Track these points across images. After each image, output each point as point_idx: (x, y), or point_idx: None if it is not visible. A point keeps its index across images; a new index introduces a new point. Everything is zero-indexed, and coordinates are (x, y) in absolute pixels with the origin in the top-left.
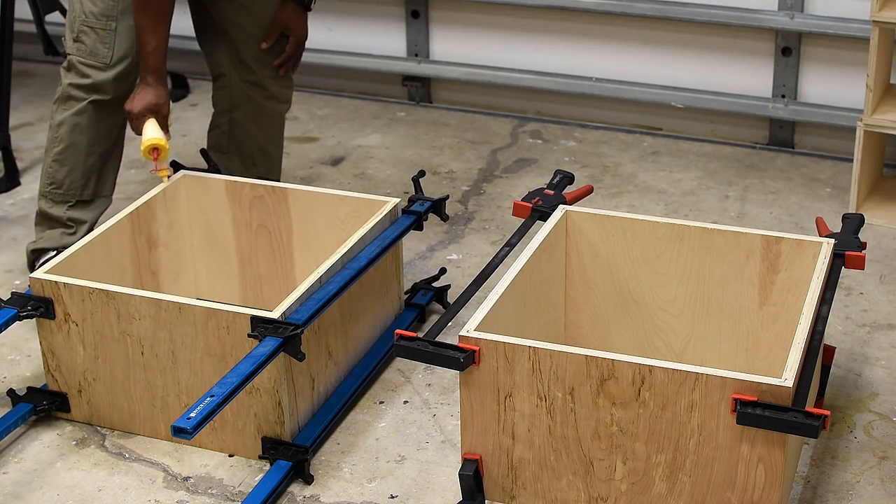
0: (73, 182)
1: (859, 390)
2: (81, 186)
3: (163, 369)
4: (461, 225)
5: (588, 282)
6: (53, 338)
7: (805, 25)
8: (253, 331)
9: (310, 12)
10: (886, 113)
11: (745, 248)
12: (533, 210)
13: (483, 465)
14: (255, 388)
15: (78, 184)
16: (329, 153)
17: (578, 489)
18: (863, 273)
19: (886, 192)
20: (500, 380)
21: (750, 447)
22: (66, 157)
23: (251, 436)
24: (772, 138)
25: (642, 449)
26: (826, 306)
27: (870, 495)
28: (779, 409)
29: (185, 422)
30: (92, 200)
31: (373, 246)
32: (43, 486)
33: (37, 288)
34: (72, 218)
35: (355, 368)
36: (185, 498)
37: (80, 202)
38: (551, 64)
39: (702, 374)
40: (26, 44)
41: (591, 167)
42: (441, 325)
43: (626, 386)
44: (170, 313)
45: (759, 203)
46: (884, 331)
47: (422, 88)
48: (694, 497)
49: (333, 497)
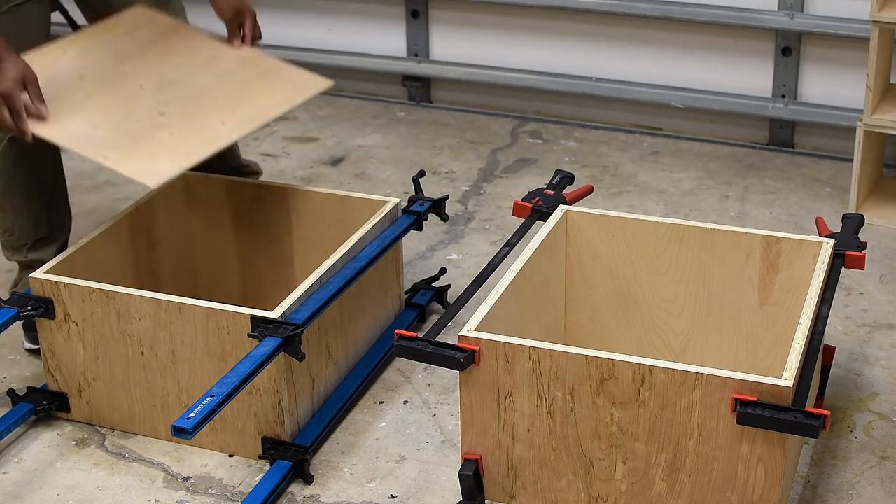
0: (23, 225)
1: (859, 390)
2: (33, 227)
3: (163, 369)
4: (461, 225)
5: (588, 282)
6: (53, 338)
7: (805, 25)
8: (253, 331)
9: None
10: (886, 113)
11: (745, 248)
12: (533, 210)
13: (483, 465)
14: (256, 388)
15: (28, 225)
16: (329, 153)
17: (578, 489)
18: (863, 273)
19: (886, 192)
20: (500, 380)
21: (750, 447)
22: (4, 203)
23: (251, 436)
24: (772, 138)
25: (642, 449)
26: (826, 306)
27: (870, 495)
28: (779, 409)
29: (185, 422)
30: (48, 235)
31: (373, 246)
32: (43, 486)
33: (37, 288)
34: (35, 259)
35: (355, 368)
36: (185, 498)
37: (38, 241)
38: (551, 64)
39: (702, 374)
40: None
41: (591, 167)
42: (441, 325)
43: (626, 386)
44: (170, 313)
45: (759, 203)
46: (884, 331)
47: (422, 88)
48: (694, 497)
49: (333, 497)
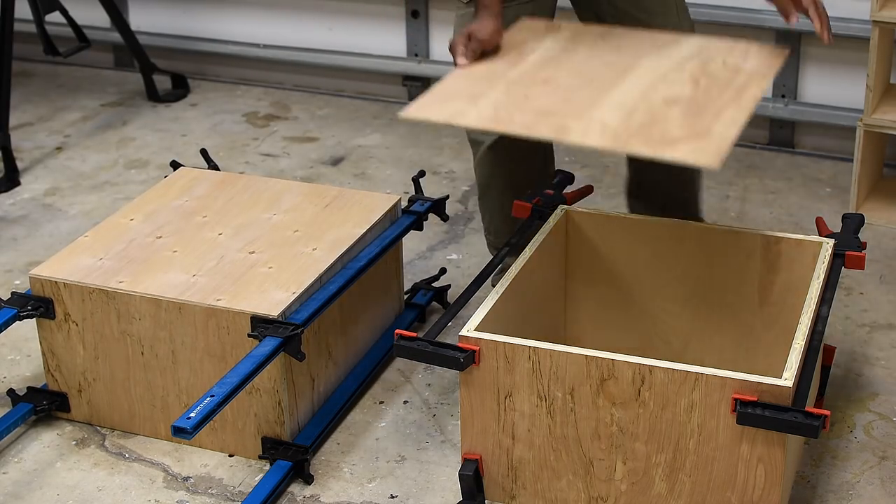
0: (498, 228)
1: (859, 390)
2: (508, 231)
3: (163, 369)
4: (461, 225)
5: (588, 282)
6: (53, 338)
7: (805, 25)
8: (253, 331)
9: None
10: (886, 113)
11: (745, 248)
12: (533, 210)
13: (483, 465)
14: (256, 388)
15: (504, 228)
16: (329, 153)
17: (578, 489)
18: (863, 273)
19: (886, 192)
20: (500, 380)
21: (750, 447)
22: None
23: (251, 436)
24: (772, 138)
25: (642, 449)
26: (826, 306)
27: (870, 495)
28: (779, 409)
29: (185, 422)
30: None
31: (373, 246)
32: (43, 486)
33: (37, 288)
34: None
35: (355, 368)
36: (185, 498)
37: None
38: None
39: (702, 374)
40: (26, 44)
41: (591, 167)
42: (441, 325)
43: (625, 386)
44: (170, 313)
45: (759, 203)
46: (884, 331)
47: (422, 88)
48: (694, 497)
49: (333, 497)
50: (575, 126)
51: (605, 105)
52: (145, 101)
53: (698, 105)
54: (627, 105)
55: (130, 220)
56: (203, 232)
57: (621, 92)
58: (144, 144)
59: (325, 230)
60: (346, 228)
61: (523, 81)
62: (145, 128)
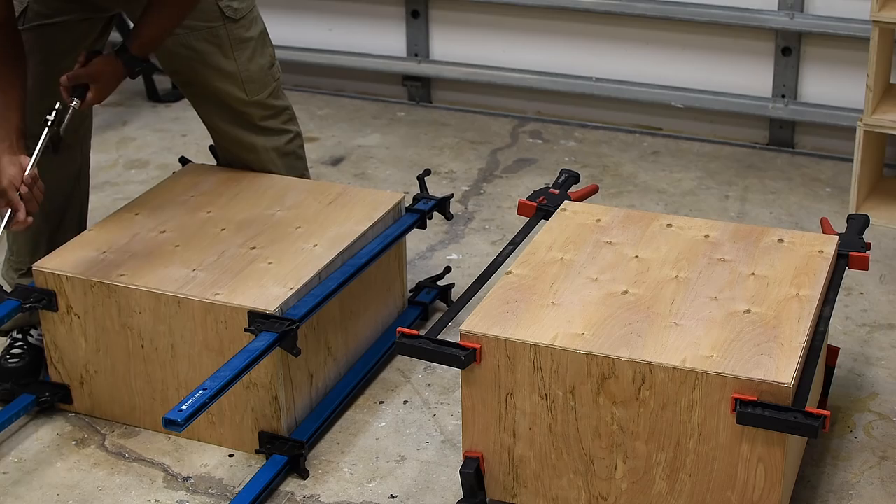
0: (20, 248)
1: (860, 390)
2: (29, 253)
3: (162, 363)
4: (461, 225)
5: None
6: (56, 330)
7: (805, 25)
8: (250, 325)
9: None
10: (886, 113)
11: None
12: (538, 209)
13: (484, 464)
14: (253, 383)
15: (24, 250)
16: (329, 153)
17: (579, 487)
18: (863, 273)
19: (886, 192)
20: (502, 378)
21: (750, 447)
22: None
23: (248, 430)
24: (772, 138)
25: (643, 448)
26: (828, 306)
27: (870, 495)
28: (779, 409)
29: (177, 414)
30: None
31: (375, 243)
32: (43, 485)
33: (40, 280)
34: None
35: (355, 365)
36: (185, 498)
37: (28, 272)
38: (551, 64)
39: (702, 374)
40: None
41: (592, 167)
42: (443, 324)
43: (626, 385)
44: (169, 307)
45: (759, 203)
46: (884, 331)
47: (422, 88)
48: (694, 496)
49: (333, 497)
50: None
51: None
52: (145, 101)
53: None
54: None
55: (136, 215)
56: (206, 227)
57: None
58: (144, 144)
59: (328, 227)
60: (348, 225)
61: None
62: (145, 128)
